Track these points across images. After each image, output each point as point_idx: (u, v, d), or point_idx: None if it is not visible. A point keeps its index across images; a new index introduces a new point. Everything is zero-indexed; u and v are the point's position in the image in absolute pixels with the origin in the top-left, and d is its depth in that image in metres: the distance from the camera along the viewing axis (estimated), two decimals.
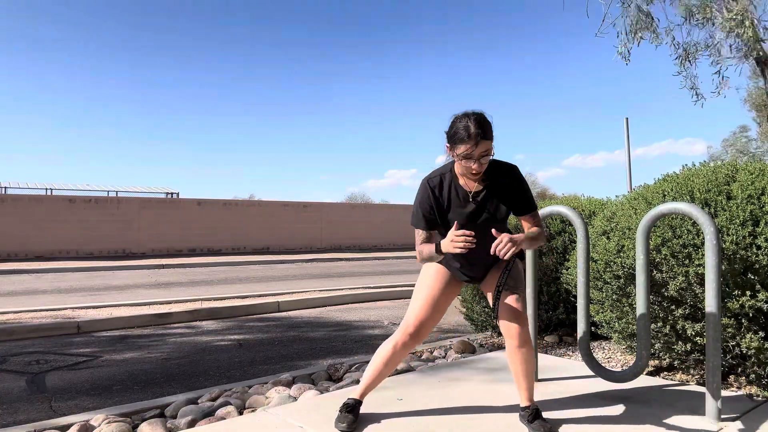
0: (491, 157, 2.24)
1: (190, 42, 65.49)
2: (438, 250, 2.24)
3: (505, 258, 2.09)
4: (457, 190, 2.34)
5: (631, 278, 3.10)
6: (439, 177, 2.39)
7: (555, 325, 4.47)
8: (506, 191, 2.34)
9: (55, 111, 68.33)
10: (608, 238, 3.32)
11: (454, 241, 2.11)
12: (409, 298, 2.61)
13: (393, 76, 73.16)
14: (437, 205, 2.35)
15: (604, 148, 76.12)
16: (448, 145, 2.28)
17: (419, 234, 2.39)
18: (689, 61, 8.48)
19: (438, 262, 2.50)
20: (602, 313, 3.44)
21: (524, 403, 2.41)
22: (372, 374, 2.51)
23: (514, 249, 2.08)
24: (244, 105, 71.28)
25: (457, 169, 2.34)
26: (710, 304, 2.40)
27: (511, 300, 2.32)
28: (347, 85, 73.44)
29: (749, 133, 25.14)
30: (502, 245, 2.07)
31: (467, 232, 2.10)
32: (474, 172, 2.23)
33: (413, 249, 2.68)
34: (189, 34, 66.20)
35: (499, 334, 4.63)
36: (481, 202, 2.33)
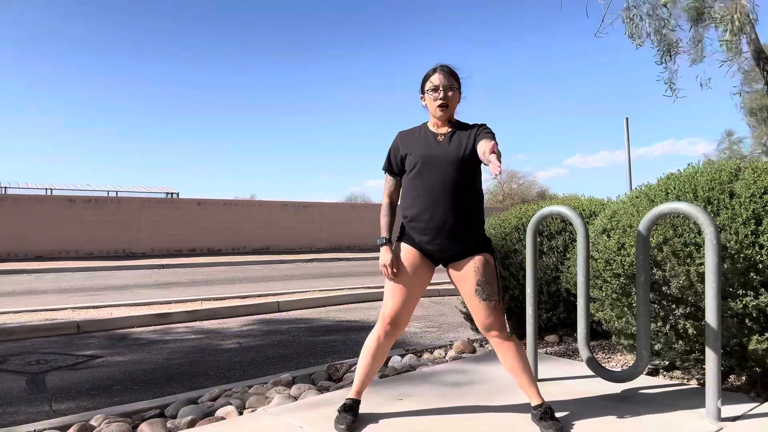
0: (457, 102, 2.52)
1: (190, 42, 65.50)
2: (383, 240, 2.47)
3: (492, 160, 2.09)
4: (426, 134, 2.54)
5: (630, 277, 3.09)
6: (412, 128, 2.64)
7: (555, 325, 4.47)
8: (473, 134, 2.48)
9: (56, 111, 68.32)
10: (608, 236, 3.31)
11: (385, 264, 2.42)
12: None
13: (394, 75, 73.15)
14: (404, 145, 2.54)
15: (605, 147, 75.91)
16: (421, 95, 2.56)
17: (386, 180, 2.60)
18: (670, 55, 8.55)
19: (404, 241, 2.51)
20: (602, 311, 3.44)
21: (535, 402, 2.42)
22: (363, 370, 2.53)
23: (497, 152, 2.13)
24: (244, 105, 71.26)
25: (430, 121, 2.58)
26: (710, 304, 2.40)
27: (490, 308, 2.41)
28: (348, 85, 73.47)
29: (737, 137, 25.13)
30: (493, 156, 2.10)
31: (391, 271, 2.43)
32: (441, 102, 2.46)
33: None
34: (188, 34, 66.21)
35: None
36: (446, 140, 2.48)
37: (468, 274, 2.43)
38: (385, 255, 2.43)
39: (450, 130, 2.51)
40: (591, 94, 73.86)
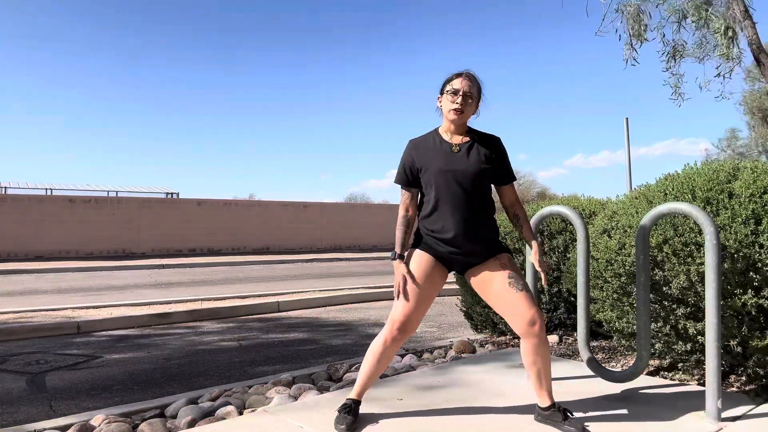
0: (476, 116, 2.48)
1: (190, 42, 65.49)
2: (395, 255, 2.44)
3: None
4: (441, 144, 2.47)
5: (631, 277, 3.10)
6: (423, 136, 2.56)
7: (555, 325, 4.47)
8: (489, 154, 2.45)
9: (56, 111, 68.34)
10: (609, 236, 3.31)
11: (400, 280, 2.39)
12: None
13: (393, 76, 73.17)
14: (418, 158, 2.47)
15: (606, 147, 75.89)
16: (439, 96, 2.50)
17: (402, 194, 2.54)
18: (675, 59, 8.49)
19: (420, 248, 2.49)
20: (603, 312, 3.44)
21: (546, 403, 2.40)
22: (366, 372, 2.51)
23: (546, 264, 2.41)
24: (244, 105, 71.25)
25: (442, 127, 2.52)
26: (710, 304, 2.40)
27: (529, 298, 2.35)
28: (348, 85, 73.45)
29: (740, 134, 25.24)
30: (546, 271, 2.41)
31: (404, 290, 2.39)
32: (457, 106, 2.39)
33: None
34: (189, 34, 66.21)
35: (500, 333, 4.63)
36: (462, 152, 2.44)
37: (495, 272, 2.40)
38: (398, 271, 2.40)
39: (465, 140, 2.46)
40: (591, 94, 73.90)
